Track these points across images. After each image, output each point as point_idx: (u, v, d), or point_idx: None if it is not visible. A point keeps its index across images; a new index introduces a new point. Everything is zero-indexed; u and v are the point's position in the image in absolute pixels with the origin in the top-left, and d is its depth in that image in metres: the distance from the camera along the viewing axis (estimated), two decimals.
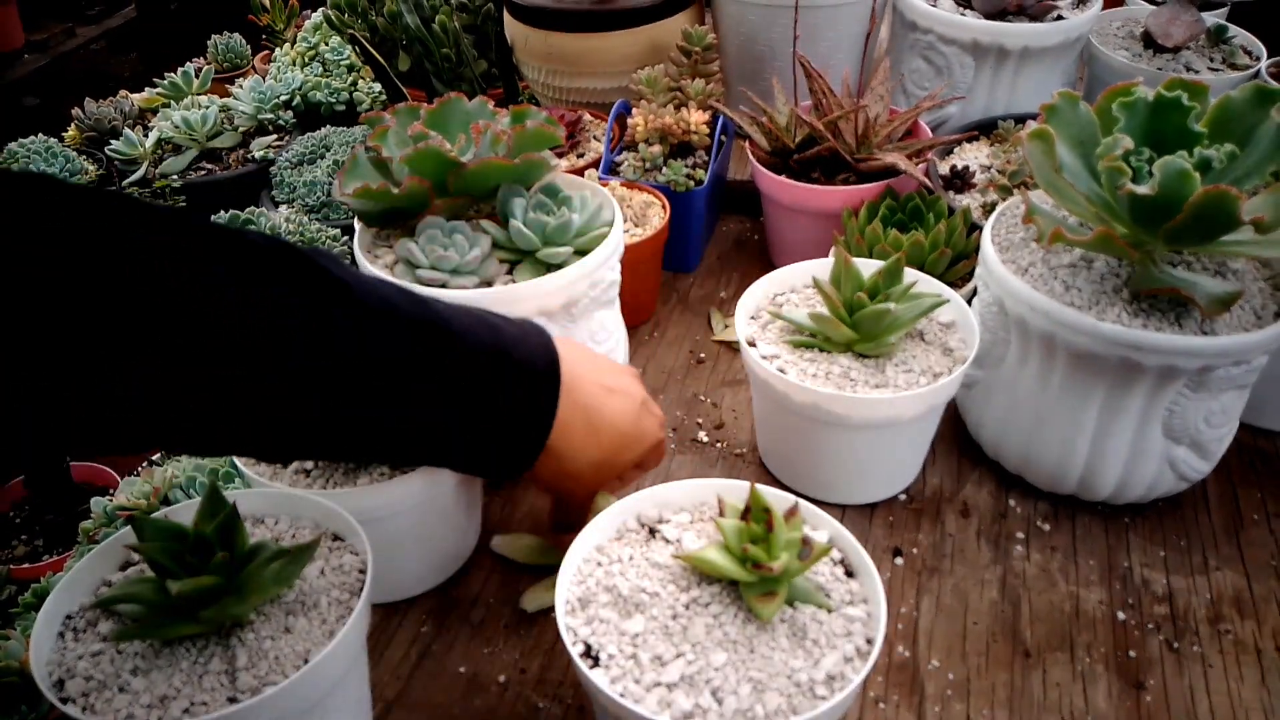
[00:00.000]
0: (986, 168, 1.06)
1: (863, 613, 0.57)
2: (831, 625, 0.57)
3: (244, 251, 0.50)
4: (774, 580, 0.56)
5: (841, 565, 0.61)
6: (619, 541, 0.63)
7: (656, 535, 0.63)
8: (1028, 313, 0.75)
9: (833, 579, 0.60)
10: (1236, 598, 0.75)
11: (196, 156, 1.43)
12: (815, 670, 0.54)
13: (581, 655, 0.55)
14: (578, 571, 0.60)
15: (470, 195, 0.83)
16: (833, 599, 0.58)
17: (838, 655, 0.55)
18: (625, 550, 0.62)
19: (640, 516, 0.64)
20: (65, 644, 0.57)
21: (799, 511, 0.60)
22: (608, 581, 0.59)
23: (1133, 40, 1.21)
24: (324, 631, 0.57)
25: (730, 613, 0.57)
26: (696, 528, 0.63)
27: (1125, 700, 0.68)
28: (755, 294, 0.84)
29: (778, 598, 0.55)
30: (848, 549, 0.61)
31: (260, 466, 0.71)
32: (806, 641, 0.56)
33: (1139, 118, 0.71)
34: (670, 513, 0.64)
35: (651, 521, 0.64)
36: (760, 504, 0.57)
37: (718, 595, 0.58)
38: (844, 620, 0.57)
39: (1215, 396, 0.74)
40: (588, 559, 0.61)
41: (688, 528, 0.63)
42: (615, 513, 0.63)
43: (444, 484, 0.71)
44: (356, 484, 0.69)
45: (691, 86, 1.11)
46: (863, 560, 0.59)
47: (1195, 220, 0.67)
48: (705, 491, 0.64)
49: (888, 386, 0.75)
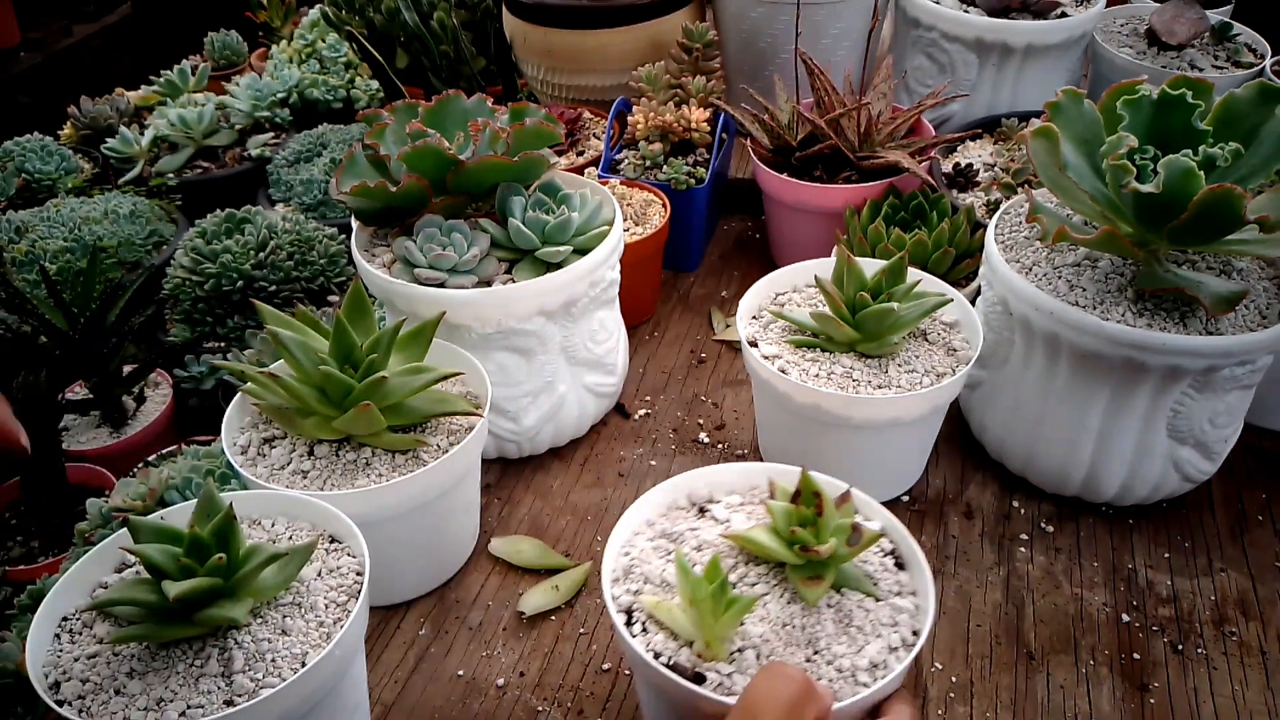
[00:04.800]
0: (990, 166, 1.06)
1: (910, 605, 0.57)
2: (878, 614, 0.56)
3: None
4: (821, 564, 0.55)
5: (892, 556, 0.60)
6: (667, 518, 0.63)
7: (706, 514, 0.62)
8: (1032, 312, 0.74)
9: (882, 569, 0.59)
10: (1241, 599, 0.75)
11: (193, 154, 1.42)
12: (859, 657, 0.54)
13: (624, 624, 0.56)
14: (625, 543, 0.60)
15: (469, 193, 0.82)
16: (880, 588, 0.58)
17: (882, 644, 0.54)
18: (674, 526, 0.61)
19: (691, 495, 0.64)
20: (61, 646, 0.56)
21: (851, 498, 0.59)
22: (654, 555, 0.59)
23: (1137, 38, 1.21)
24: (321, 634, 0.57)
25: (776, 594, 0.56)
26: (746, 509, 0.62)
27: (1129, 703, 0.68)
28: (756, 293, 0.83)
29: (824, 582, 0.55)
30: (899, 541, 0.60)
31: (257, 468, 0.70)
32: (851, 628, 0.55)
33: (1143, 116, 0.71)
34: (721, 493, 0.64)
35: (702, 500, 0.64)
36: (811, 488, 0.56)
37: (764, 576, 0.57)
38: (891, 610, 0.56)
39: (1220, 396, 0.74)
40: (637, 531, 0.61)
41: (738, 509, 0.62)
42: (666, 489, 0.63)
43: (441, 486, 0.71)
44: (354, 486, 0.68)
45: (692, 84, 1.10)
46: (914, 553, 0.58)
47: (1200, 219, 0.66)
48: (757, 475, 0.64)
49: (890, 387, 0.74)
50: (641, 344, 1.02)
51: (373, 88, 1.60)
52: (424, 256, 0.77)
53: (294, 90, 1.56)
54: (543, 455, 0.89)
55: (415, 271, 0.78)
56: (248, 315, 1.02)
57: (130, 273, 1.14)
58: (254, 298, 1.01)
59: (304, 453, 0.71)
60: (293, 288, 1.03)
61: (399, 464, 0.70)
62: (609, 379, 0.88)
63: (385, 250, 0.82)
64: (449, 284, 0.78)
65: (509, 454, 0.87)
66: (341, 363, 0.70)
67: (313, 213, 1.26)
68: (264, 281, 1.01)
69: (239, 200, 1.16)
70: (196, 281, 1.02)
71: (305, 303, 1.05)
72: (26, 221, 1.19)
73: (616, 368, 0.89)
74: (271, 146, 1.42)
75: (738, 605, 0.52)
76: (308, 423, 0.70)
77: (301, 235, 1.06)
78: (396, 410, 0.71)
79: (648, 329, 1.04)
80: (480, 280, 0.79)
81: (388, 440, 0.71)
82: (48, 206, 1.23)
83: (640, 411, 0.94)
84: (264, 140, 1.45)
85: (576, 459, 0.89)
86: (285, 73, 1.57)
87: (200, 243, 1.04)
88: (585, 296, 0.81)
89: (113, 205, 1.22)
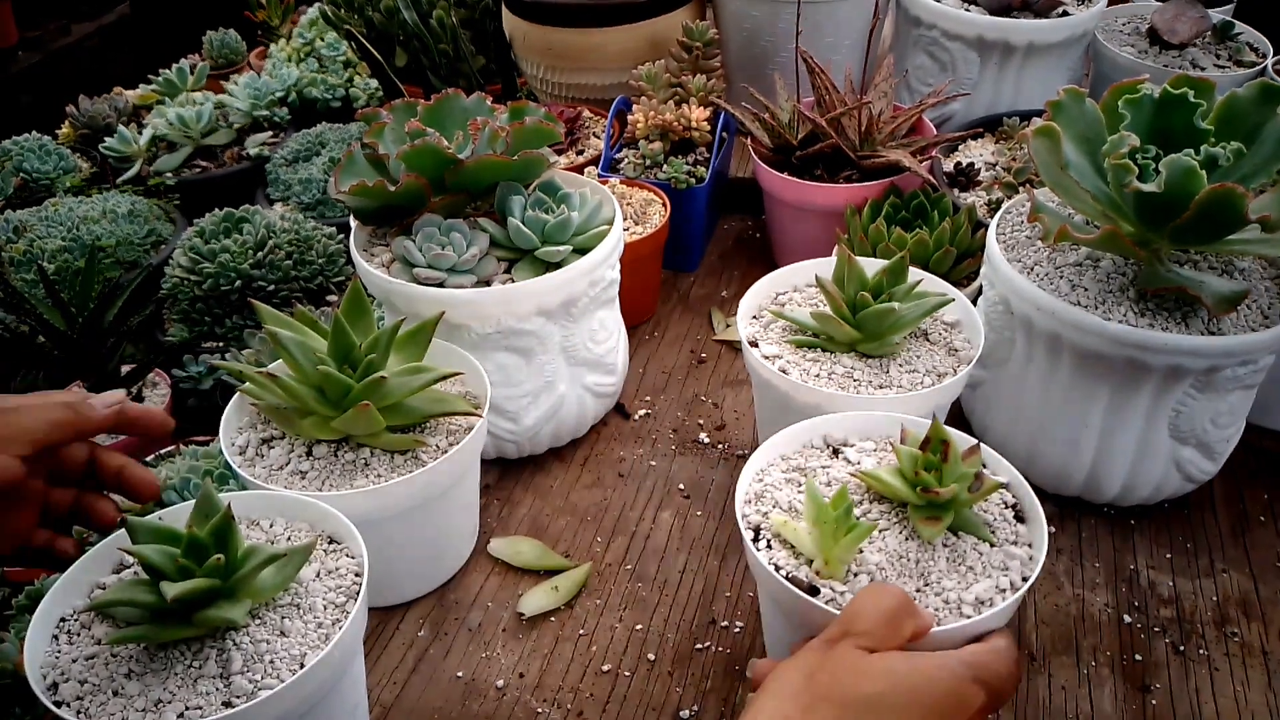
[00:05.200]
0: (991, 165, 1.05)
1: (1024, 553, 0.59)
2: (991, 558, 0.59)
3: None
4: (940, 506, 0.59)
5: (1013, 510, 0.62)
6: (801, 454, 0.66)
7: (839, 455, 0.66)
8: (1033, 312, 0.74)
9: (1002, 519, 0.61)
10: (1243, 600, 0.75)
11: (191, 154, 1.42)
12: (966, 592, 0.56)
13: (751, 540, 0.60)
14: (759, 471, 0.65)
15: (468, 192, 0.82)
16: (997, 535, 0.60)
17: (990, 583, 0.57)
18: (807, 463, 0.65)
19: (827, 437, 0.67)
20: (59, 647, 0.56)
21: (979, 452, 0.62)
22: (784, 484, 0.64)
23: (1138, 36, 1.21)
24: (320, 635, 0.56)
25: (895, 530, 0.60)
26: (878, 455, 0.66)
27: (1131, 704, 0.68)
28: (757, 293, 0.83)
29: (942, 522, 0.58)
30: (1022, 496, 0.62)
31: (256, 468, 0.70)
32: (963, 567, 0.58)
33: (1145, 115, 0.71)
34: (856, 438, 0.67)
35: (837, 443, 0.67)
36: (940, 436, 0.59)
37: (886, 513, 0.61)
38: (1004, 555, 0.59)
39: (1222, 396, 0.73)
40: (771, 463, 0.66)
41: (870, 454, 0.66)
42: (804, 428, 0.67)
43: (440, 487, 0.70)
44: (353, 486, 0.68)
45: (692, 82, 1.10)
46: (1035, 508, 0.61)
47: (1202, 218, 0.66)
48: (892, 424, 0.67)
49: (891, 387, 0.74)
50: (641, 344, 1.02)
51: (371, 86, 1.60)
52: (423, 256, 0.77)
53: (292, 89, 1.56)
54: (542, 455, 0.88)
55: (414, 271, 0.77)
56: (246, 315, 1.02)
57: (128, 272, 1.14)
58: (252, 297, 1.00)
59: (302, 453, 0.71)
60: (291, 287, 1.03)
61: (398, 464, 0.70)
62: (609, 379, 0.88)
63: (384, 250, 0.82)
64: (448, 283, 0.77)
65: (508, 454, 0.87)
66: (340, 363, 0.70)
67: (311, 212, 1.26)
68: (262, 281, 1.01)
69: (237, 199, 1.16)
70: (195, 281, 1.01)
71: (304, 302, 1.04)
72: (25, 221, 1.18)
73: (616, 368, 0.89)
74: (270, 145, 1.42)
75: (858, 530, 0.57)
76: (306, 423, 0.70)
77: (300, 234, 1.06)
78: (395, 410, 0.70)
79: (648, 329, 1.04)
80: (479, 280, 0.79)
81: (386, 440, 0.70)
82: (46, 206, 1.22)
83: (640, 412, 0.93)
84: (262, 139, 1.44)
85: (576, 459, 0.89)
86: (284, 72, 1.57)
87: (198, 242, 1.04)
88: (585, 296, 0.81)
89: (111, 204, 1.22)
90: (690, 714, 0.68)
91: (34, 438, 0.58)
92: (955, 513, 0.59)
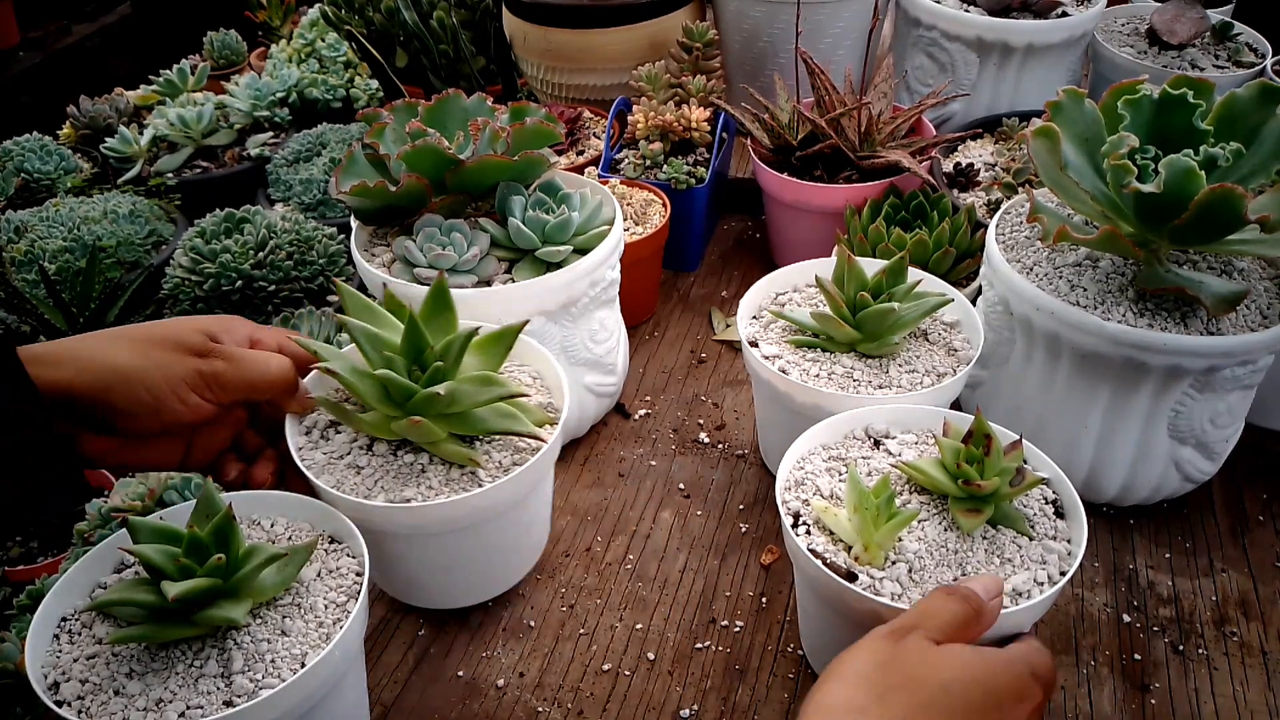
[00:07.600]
0: (991, 165, 1.06)
1: (1063, 548, 0.60)
2: (1029, 551, 0.60)
3: None
4: (981, 498, 0.60)
5: (1053, 505, 0.63)
6: (842, 445, 0.68)
7: (880, 447, 0.67)
8: (1033, 312, 0.74)
9: (1041, 514, 0.62)
10: (1242, 600, 0.75)
11: (192, 154, 1.42)
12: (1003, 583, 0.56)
13: (791, 526, 0.61)
14: (801, 459, 0.66)
15: (468, 193, 0.82)
16: (1036, 530, 0.61)
17: (1028, 575, 0.58)
18: (848, 453, 0.67)
19: (869, 429, 0.68)
20: (60, 646, 0.56)
21: (1021, 447, 0.62)
22: (825, 472, 0.65)
23: (1138, 37, 1.21)
24: (320, 634, 0.56)
25: (935, 520, 0.61)
26: (920, 448, 0.67)
27: (1130, 703, 0.68)
28: (757, 293, 0.83)
29: (982, 515, 0.60)
30: (1063, 493, 0.63)
31: (317, 452, 0.67)
32: (1001, 559, 0.59)
33: (1144, 115, 0.71)
34: (898, 430, 0.68)
35: (878, 434, 0.68)
36: (983, 430, 0.61)
37: (926, 504, 0.62)
38: (1042, 550, 0.60)
39: (1221, 397, 0.73)
40: (813, 451, 0.67)
41: (911, 446, 0.67)
42: (845, 419, 0.68)
43: (494, 510, 0.66)
44: (402, 494, 0.64)
45: (692, 83, 1.10)
46: (1075, 505, 0.61)
47: (1201, 219, 0.66)
48: (935, 418, 0.68)
49: (891, 387, 0.74)
50: (641, 344, 1.02)
51: (372, 87, 1.60)
52: (424, 256, 0.77)
53: (293, 90, 1.56)
54: None
55: (415, 271, 0.78)
56: (247, 315, 1.02)
57: (129, 272, 1.14)
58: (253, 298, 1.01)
59: (364, 445, 0.67)
60: (292, 287, 1.03)
61: (453, 478, 0.65)
62: (609, 379, 0.88)
63: (385, 250, 0.82)
64: (449, 284, 0.77)
65: None
66: (410, 362, 0.65)
67: (312, 212, 1.26)
68: (263, 281, 1.01)
69: (238, 200, 1.16)
70: (196, 281, 1.02)
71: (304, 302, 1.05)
72: (26, 221, 1.19)
73: (616, 368, 0.89)
74: (271, 146, 1.42)
75: (898, 518, 0.58)
76: (366, 418, 0.66)
77: (301, 235, 1.06)
78: (461, 420, 0.65)
79: (648, 329, 1.04)
80: (480, 280, 0.79)
81: (445, 451, 0.65)
82: (47, 206, 1.23)
83: (640, 411, 0.93)
84: (263, 140, 1.45)
85: (576, 459, 0.89)
86: (284, 72, 1.57)
87: (199, 242, 1.04)
88: (585, 296, 0.81)
89: (112, 205, 1.22)
90: (690, 713, 0.68)
91: (249, 391, 0.63)
92: (995, 506, 0.60)
